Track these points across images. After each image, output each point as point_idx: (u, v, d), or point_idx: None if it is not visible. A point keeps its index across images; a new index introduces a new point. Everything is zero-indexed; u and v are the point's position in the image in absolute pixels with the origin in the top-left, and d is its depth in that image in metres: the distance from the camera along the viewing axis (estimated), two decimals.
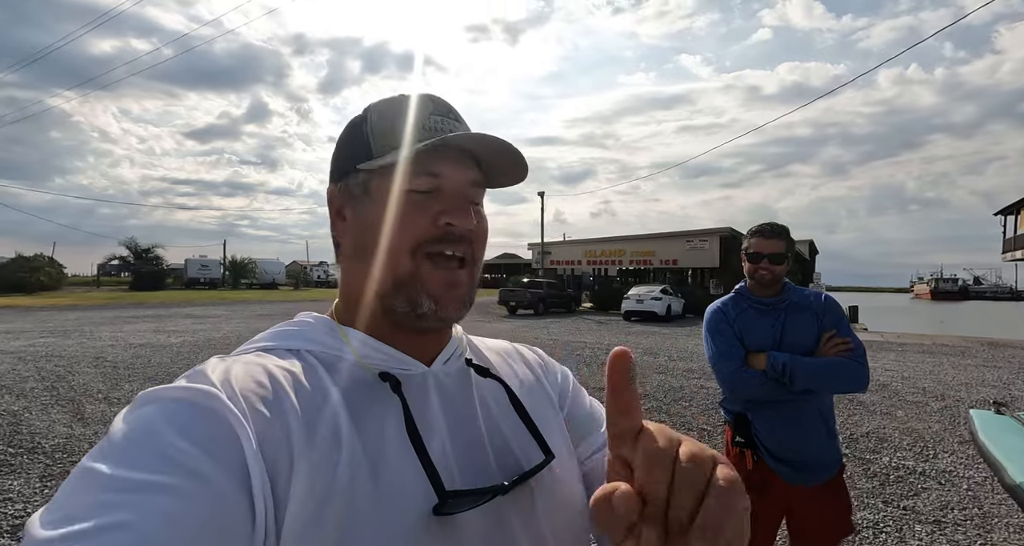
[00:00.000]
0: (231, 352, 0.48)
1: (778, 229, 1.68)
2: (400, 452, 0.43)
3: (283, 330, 0.50)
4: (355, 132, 0.52)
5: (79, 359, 7.66)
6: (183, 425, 0.36)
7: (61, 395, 5.51)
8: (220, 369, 0.42)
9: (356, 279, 0.50)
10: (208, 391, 0.38)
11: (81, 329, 11.74)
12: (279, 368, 0.44)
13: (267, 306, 22.32)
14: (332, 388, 0.45)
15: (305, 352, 0.48)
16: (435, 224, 0.48)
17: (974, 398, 6.02)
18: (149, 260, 39.26)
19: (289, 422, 0.40)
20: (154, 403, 0.38)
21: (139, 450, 0.34)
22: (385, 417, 0.45)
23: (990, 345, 11.56)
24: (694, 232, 23.88)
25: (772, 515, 1.64)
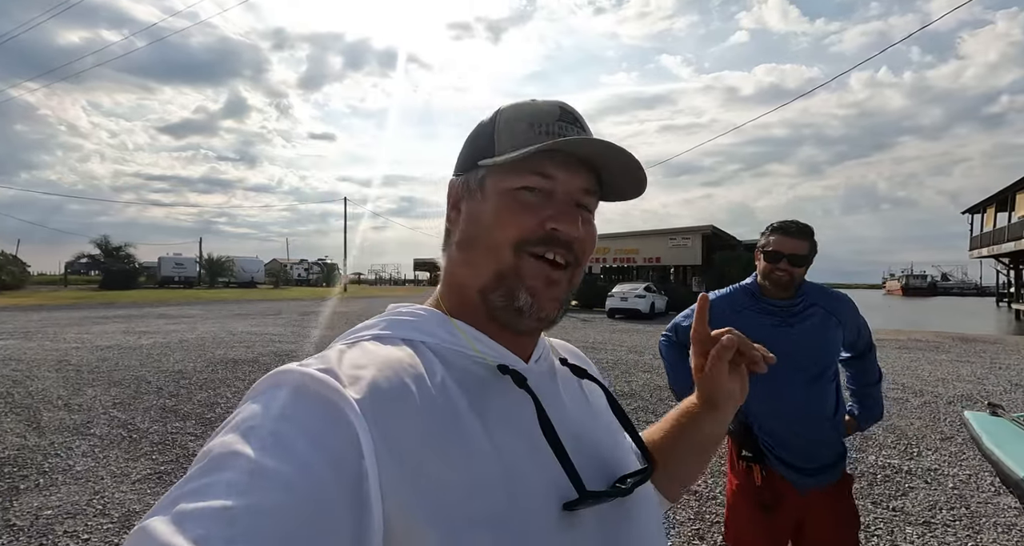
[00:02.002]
0: (341, 337, 0.48)
1: (803, 228, 1.55)
2: (535, 447, 0.44)
3: (397, 319, 0.50)
4: (483, 131, 0.53)
5: (40, 363, 7.27)
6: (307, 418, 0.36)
7: (16, 402, 5.19)
8: (348, 360, 0.42)
9: (460, 271, 0.52)
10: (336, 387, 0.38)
11: (44, 330, 11.22)
12: (400, 359, 0.44)
13: (245, 305, 21.77)
14: (453, 382, 0.45)
15: (419, 343, 0.47)
16: (541, 226, 0.48)
17: (952, 394, 6.12)
18: (120, 258, 38.02)
19: (414, 416, 0.40)
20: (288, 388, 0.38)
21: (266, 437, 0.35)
22: (511, 411, 0.46)
23: (961, 340, 11.88)
24: (677, 230, 24.06)
25: (783, 531, 1.55)
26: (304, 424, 0.36)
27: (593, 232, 0.52)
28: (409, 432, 0.39)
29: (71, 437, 4.14)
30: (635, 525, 0.50)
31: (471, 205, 0.51)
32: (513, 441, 0.44)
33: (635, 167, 0.50)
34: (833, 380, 1.58)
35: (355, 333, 0.49)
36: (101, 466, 3.53)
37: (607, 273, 26.48)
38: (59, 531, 2.65)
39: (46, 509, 2.88)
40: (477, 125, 0.54)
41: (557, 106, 0.52)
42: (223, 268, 45.23)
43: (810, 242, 1.55)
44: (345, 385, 0.39)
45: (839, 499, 1.57)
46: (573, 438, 0.48)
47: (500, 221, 0.48)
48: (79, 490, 3.14)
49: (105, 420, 4.61)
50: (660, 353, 1.84)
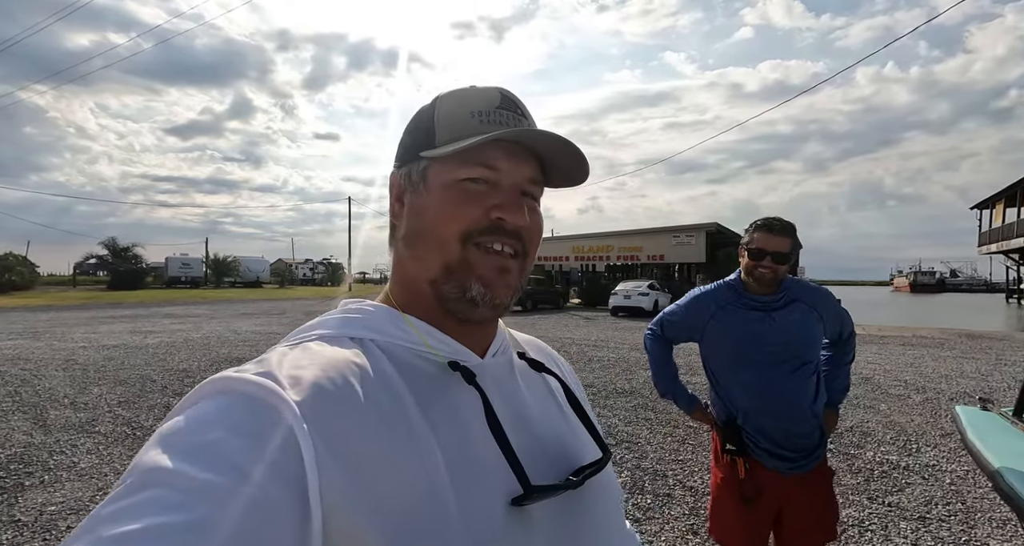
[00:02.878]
0: (286, 338, 0.47)
1: (786, 226, 1.58)
2: (481, 443, 0.44)
3: (345, 317, 0.49)
4: (421, 120, 0.51)
5: (47, 362, 7.38)
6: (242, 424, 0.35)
7: (24, 401, 5.27)
8: (288, 361, 0.41)
9: (409, 265, 0.51)
10: (275, 390, 0.37)
11: (52, 330, 11.36)
12: (346, 359, 0.43)
13: (250, 304, 21.92)
14: (401, 380, 0.44)
15: (369, 341, 0.46)
16: (486, 216, 0.48)
17: (954, 390, 6.08)
18: (128, 258, 38.36)
19: (358, 418, 0.39)
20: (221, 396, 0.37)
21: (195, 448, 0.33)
22: (459, 408, 0.45)
23: (967, 337, 11.78)
24: (680, 228, 23.95)
25: (763, 522, 1.58)
26: (240, 432, 0.34)
27: (539, 220, 0.52)
28: (352, 434, 0.38)
29: (76, 435, 4.21)
30: (589, 516, 0.49)
31: (415, 198, 0.50)
32: (461, 439, 0.43)
33: (577, 153, 0.49)
34: (815, 372, 1.61)
35: (300, 333, 0.47)
36: (105, 463, 3.59)
37: (610, 271, 26.44)
38: (62, 527, 2.71)
39: (50, 505, 2.94)
40: (416, 113, 0.53)
41: (497, 92, 0.51)
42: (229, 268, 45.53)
43: (792, 240, 1.57)
44: (284, 388, 0.37)
45: (817, 487, 1.60)
46: (527, 433, 0.48)
47: (446, 213, 0.47)
48: (83, 487, 3.20)
49: (110, 418, 4.68)
50: (644, 347, 1.87)
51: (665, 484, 3.32)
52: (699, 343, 1.72)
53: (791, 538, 1.59)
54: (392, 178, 0.53)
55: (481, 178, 0.48)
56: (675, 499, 3.10)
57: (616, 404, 5.34)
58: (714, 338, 1.66)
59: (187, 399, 0.38)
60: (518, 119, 0.50)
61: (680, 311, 1.76)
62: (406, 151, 0.52)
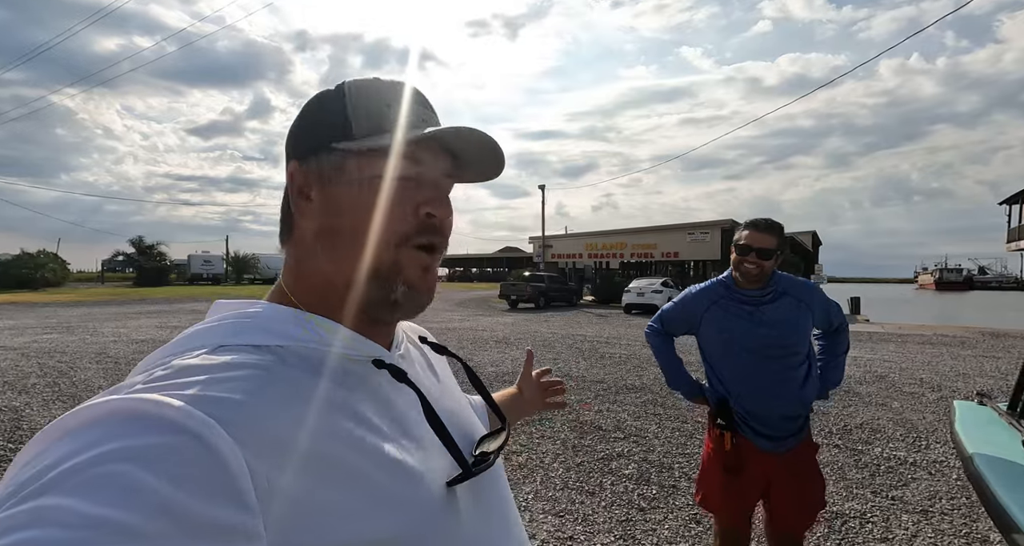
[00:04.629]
0: (167, 348, 0.41)
1: (772, 224, 1.70)
2: (419, 435, 0.46)
3: (230, 324, 0.43)
4: (328, 109, 0.48)
5: (81, 355, 7.74)
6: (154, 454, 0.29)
7: (63, 391, 5.58)
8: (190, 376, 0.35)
9: (322, 263, 0.47)
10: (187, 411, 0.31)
11: (84, 325, 11.85)
12: (256, 368, 0.38)
13: None
14: (324, 385, 0.41)
15: (276, 347, 0.42)
16: (416, 214, 0.47)
17: (971, 389, 6.01)
18: (153, 256, 39.49)
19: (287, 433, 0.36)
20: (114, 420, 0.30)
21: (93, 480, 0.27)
22: (392, 405, 0.46)
23: (991, 335, 11.52)
24: (695, 224, 23.79)
25: (751, 493, 1.70)
26: (152, 459, 0.28)
27: (452, 214, 0.50)
28: (283, 453, 0.34)
29: None
30: (498, 487, 0.53)
31: (331, 193, 0.46)
32: (400, 436, 0.44)
33: (497, 151, 0.49)
34: (803, 363, 1.71)
35: (187, 343, 0.41)
36: None
37: (624, 268, 26.36)
38: None
39: None
40: (315, 100, 0.49)
41: (410, 86, 0.49)
42: (249, 265, 46.53)
43: (778, 238, 1.68)
44: (199, 403, 0.32)
45: (802, 462, 1.72)
46: (447, 414, 0.50)
47: (373, 214, 0.45)
48: None
49: None
50: (647, 341, 1.99)
51: (671, 476, 3.42)
52: (696, 335, 1.84)
53: (780, 512, 1.70)
54: (292, 170, 0.48)
55: (406, 174, 0.46)
56: (680, 490, 3.19)
57: (626, 399, 5.42)
58: (708, 330, 1.78)
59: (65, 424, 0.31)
60: (432, 116, 0.50)
61: (677, 307, 1.89)
62: (311, 140, 0.48)
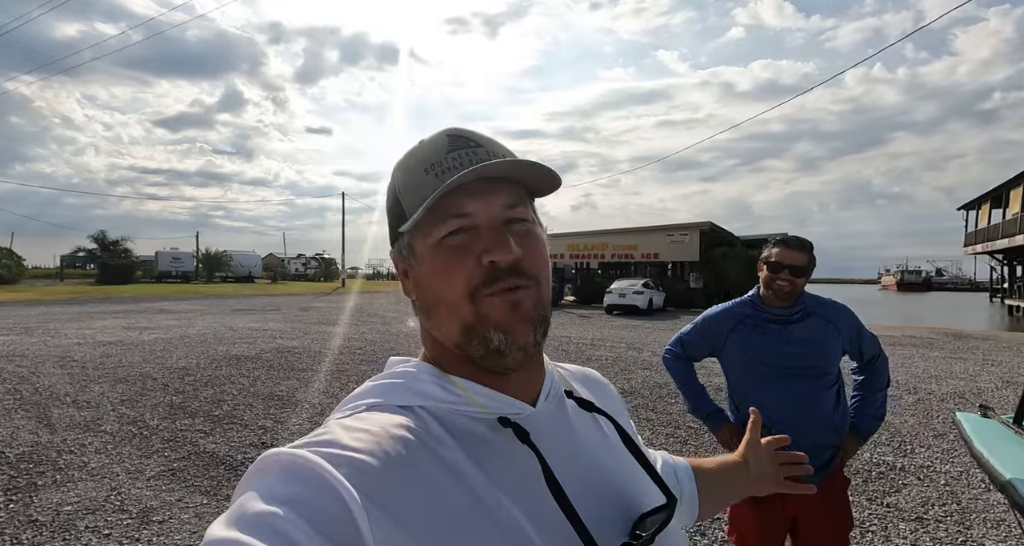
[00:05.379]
0: (339, 408, 0.48)
1: (803, 242, 1.66)
2: (541, 504, 0.43)
3: (388, 383, 0.49)
4: (391, 196, 0.52)
5: (43, 359, 7.32)
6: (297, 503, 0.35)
7: (25, 399, 5.25)
8: (341, 435, 0.41)
9: (434, 333, 0.51)
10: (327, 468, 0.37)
11: (45, 326, 11.24)
12: (397, 428, 0.43)
13: (243, 300, 21.78)
14: (454, 444, 0.44)
15: (417, 408, 0.46)
16: (478, 264, 0.46)
17: (945, 391, 6.24)
18: (117, 252, 37.87)
19: (412, 488, 0.39)
20: (281, 472, 0.38)
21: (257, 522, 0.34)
22: (515, 468, 0.45)
23: (955, 337, 12.04)
24: (675, 226, 24.11)
25: (779, 527, 1.65)
26: (296, 505, 0.35)
27: (534, 240, 0.49)
28: (411, 507, 0.38)
29: (83, 434, 4.21)
30: None
31: (413, 273, 0.50)
32: (521, 504, 0.43)
33: (536, 171, 0.48)
34: (833, 385, 1.67)
35: (350, 403, 0.48)
36: (115, 462, 3.60)
37: (605, 269, 26.57)
38: (80, 526, 2.73)
39: (66, 505, 2.96)
40: (387, 191, 0.53)
41: (444, 136, 0.50)
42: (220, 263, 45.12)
43: (809, 255, 1.66)
44: (337, 463, 0.38)
45: (831, 496, 1.66)
46: (585, 484, 0.47)
47: (441, 277, 0.47)
48: (96, 486, 3.21)
49: (114, 417, 4.68)
50: (666, 367, 1.92)
51: None
52: (719, 356, 1.79)
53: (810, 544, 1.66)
54: (392, 257, 0.53)
55: (459, 229, 0.47)
56: None
57: None
58: (734, 351, 1.72)
59: (248, 474, 0.40)
60: (473, 152, 0.48)
61: (698, 329, 1.83)
62: (391, 230, 0.52)
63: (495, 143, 0.51)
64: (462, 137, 0.50)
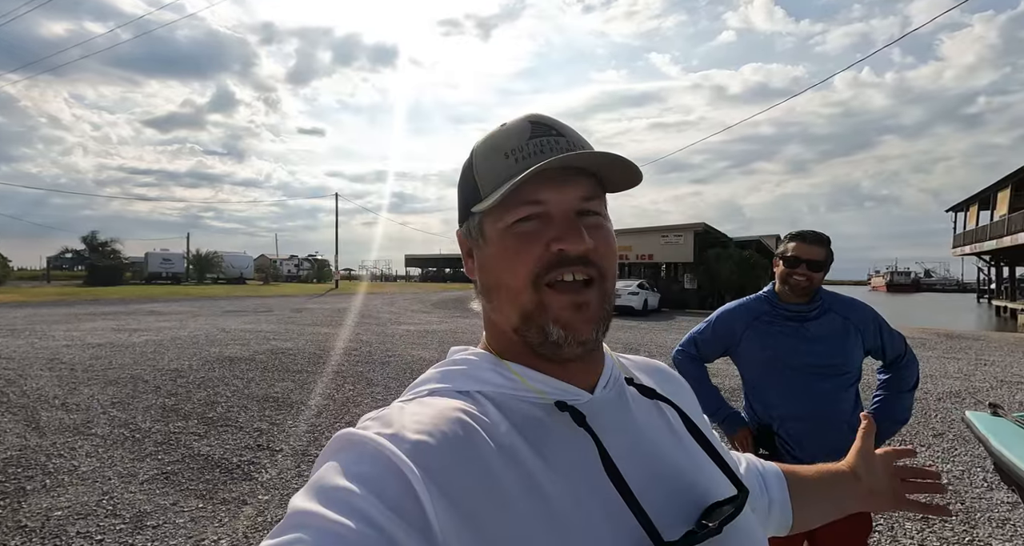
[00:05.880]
0: (404, 393, 0.49)
1: (820, 236, 1.63)
2: (601, 490, 0.42)
3: (449, 370, 0.50)
4: (465, 177, 0.52)
5: (31, 361, 7.16)
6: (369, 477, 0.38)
7: (12, 402, 5.12)
8: (405, 418, 0.42)
9: (494, 316, 0.51)
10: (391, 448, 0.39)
11: (32, 328, 11.02)
12: (457, 412, 0.43)
13: (235, 301, 21.53)
14: (511, 428, 0.44)
15: (476, 393, 0.47)
16: (547, 250, 0.46)
17: (941, 390, 6.28)
18: (106, 254, 37.37)
19: (472, 470, 0.40)
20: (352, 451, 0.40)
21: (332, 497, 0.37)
22: (573, 452, 0.44)
23: (947, 337, 12.15)
24: (669, 227, 24.20)
25: (797, 536, 1.61)
26: (368, 483, 0.37)
27: (606, 235, 0.49)
28: (468, 486, 0.39)
29: (73, 437, 4.10)
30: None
31: (479, 253, 0.51)
32: (578, 488, 0.42)
33: (620, 161, 0.47)
34: (852, 385, 1.64)
35: (414, 389, 0.49)
36: (107, 466, 3.51)
37: None
38: (72, 532, 2.64)
39: (56, 510, 2.87)
40: (462, 169, 0.53)
41: (526, 122, 0.50)
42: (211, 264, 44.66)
43: (827, 250, 1.62)
44: (401, 444, 0.39)
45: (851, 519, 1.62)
46: (647, 472, 0.46)
47: (507, 262, 0.47)
48: (87, 491, 3.12)
49: (105, 420, 4.57)
50: (678, 368, 1.86)
51: None
52: (733, 355, 1.75)
53: None
54: (458, 236, 0.54)
55: (531, 215, 0.47)
56: None
57: None
58: (750, 349, 1.68)
59: (324, 451, 0.42)
60: (555, 141, 0.48)
61: (711, 327, 1.78)
62: (462, 209, 0.53)
63: (576, 133, 0.51)
64: (544, 124, 0.50)
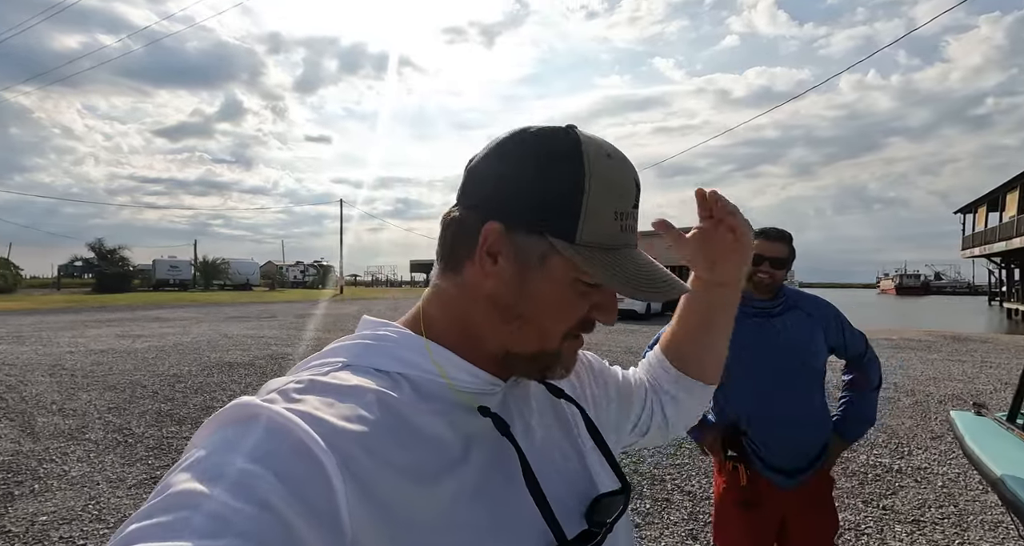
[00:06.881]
0: (307, 362, 0.46)
1: (782, 233, 1.63)
2: (514, 490, 0.43)
3: (368, 345, 0.46)
4: (563, 189, 0.44)
5: (33, 367, 7.24)
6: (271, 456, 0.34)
7: (10, 407, 5.17)
8: (317, 393, 0.40)
9: (480, 319, 0.48)
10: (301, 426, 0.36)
11: (38, 335, 11.14)
12: (375, 393, 0.41)
13: (240, 308, 21.68)
14: (428, 418, 0.43)
15: (396, 374, 0.45)
16: (588, 315, 0.48)
17: (943, 393, 6.19)
18: (114, 261, 37.83)
19: (389, 456, 0.38)
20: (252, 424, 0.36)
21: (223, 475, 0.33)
22: (491, 456, 0.44)
23: (953, 339, 11.98)
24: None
25: (767, 529, 1.59)
26: (272, 465, 0.34)
27: None
28: (383, 474, 0.37)
29: (66, 442, 4.13)
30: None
31: (523, 273, 0.45)
32: (493, 487, 0.43)
33: None
34: (818, 381, 1.63)
35: (323, 359, 0.46)
36: (96, 471, 3.53)
37: None
38: (54, 537, 2.65)
39: (41, 515, 2.89)
40: (544, 165, 0.44)
41: (633, 184, 0.47)
42: (218, 270, 45.08)
43: (789, 246, 1.62)
44: (316, 425, 0.36)
45: (818, 495, 1.62)
46: (552, 470, 0.48)
47: (556, 310, 0.46)
48: (75, 496, 3.14)
49: (100, 425, 4.60)
50: None
51: (664, 489, 3.34)
52: None
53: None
54: (491, 232, 0.45)
55: (592, 283, 0.46)
56: (674, 504, 3.12)
57: None
58: None
59: (218, 422, 0.37)
60: (635, 214, 0.48)
61: None
62: (528, 215, 0.44)
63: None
64: (638, 190, 0.48)
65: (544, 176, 0.44)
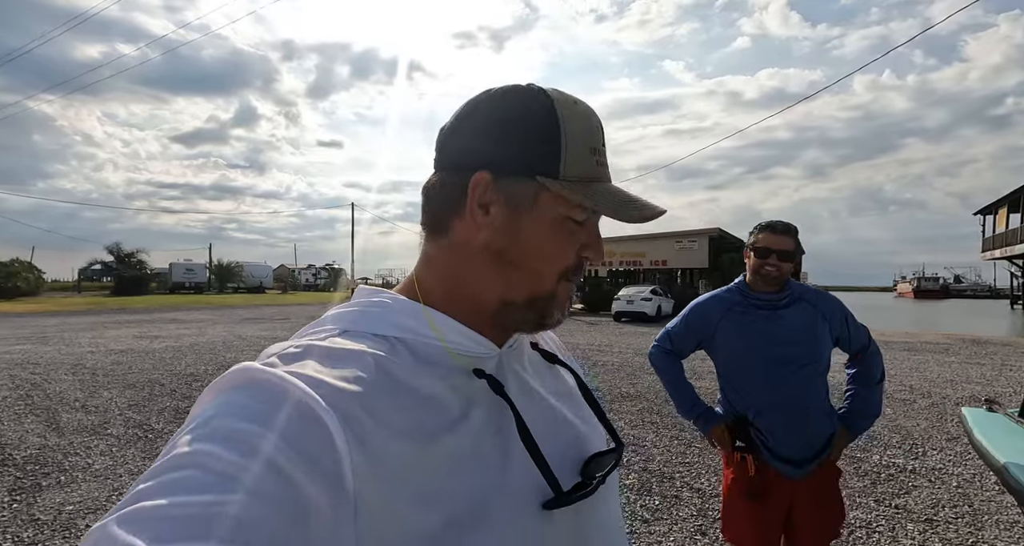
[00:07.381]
0: (305, 330, 0.47)
1: (788, 226, 1.65)
2: (512, 447, 0.45)
3: (365, 311, 0.47)
4: (543, 132, 0.46)
5: (57, 366, 7.45)
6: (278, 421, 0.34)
7: (36, 404, 5.33)
8: (317, 357, 0.40)
9: (473, 274, 0.49)
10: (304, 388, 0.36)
11: (60, 335, 11.45)
12: (373, 356, 0.42)
13: (254, 310, 22.00)
14: (429, 380, 0.44)
15: (393, 338, 0.45)
16: (578, 255, 0.50)
17: (960, 395, 6.09)
18: (132, 264, 38.63)
19: (389, 418, 0.39)
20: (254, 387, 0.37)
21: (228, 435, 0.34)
22: (487, 416, 0.45)
23: (972, 342, 11.75)
24: (683, 233, 24.01)
25: (775, 520, 1.61)
26: (277, 426, 0.34)
27: None
28: (383, 434, 0.38)
29: (89, 437, 4.26)
30: (603, 507, 0.52)
31: (515, 218, 0.47)
32: (491, 445, 0.44)
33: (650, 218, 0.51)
34: (823, 374, 1.65)
35: (321, 326, 0.47)
36: (119, 465, 3.64)
37: (613, 276, 26.47)
38: (81, 525, 2.75)
39: (68, 505, 2.99)
40: (523, 114, 0.46)
41: (600, 123, 0.50)
42: (232, 274, 45.78)
43: (795, 240, 1.65)
44: (318, 387, 0.37)
45: (825, 487, 1.64)
46: (547, 428, 0.49)
47: (550, 250, 0.48)
48: (99, 487, 3.24)
49: (121, 421, 4.74)
50: (652, 364, 1.88)
51: (672, 486, 3.35)
52: (708, 347, 1.76)
53: (801, 539, 1.62)
54: (481, 181, 0.46)
55: (581, 219, 0.48)
56: (683, 501, 3.13)
57: (622, 408, 5.36)
58: (724, 340, 1.70)
59: (222, 385, 0.38)
60: (606, 154, 0.51)
61: (685, 320, 1.80)
62: (514, 163, 0.46)
63: None
64: (603, 129, 0.51)
65: (523, 123, 0.46)
